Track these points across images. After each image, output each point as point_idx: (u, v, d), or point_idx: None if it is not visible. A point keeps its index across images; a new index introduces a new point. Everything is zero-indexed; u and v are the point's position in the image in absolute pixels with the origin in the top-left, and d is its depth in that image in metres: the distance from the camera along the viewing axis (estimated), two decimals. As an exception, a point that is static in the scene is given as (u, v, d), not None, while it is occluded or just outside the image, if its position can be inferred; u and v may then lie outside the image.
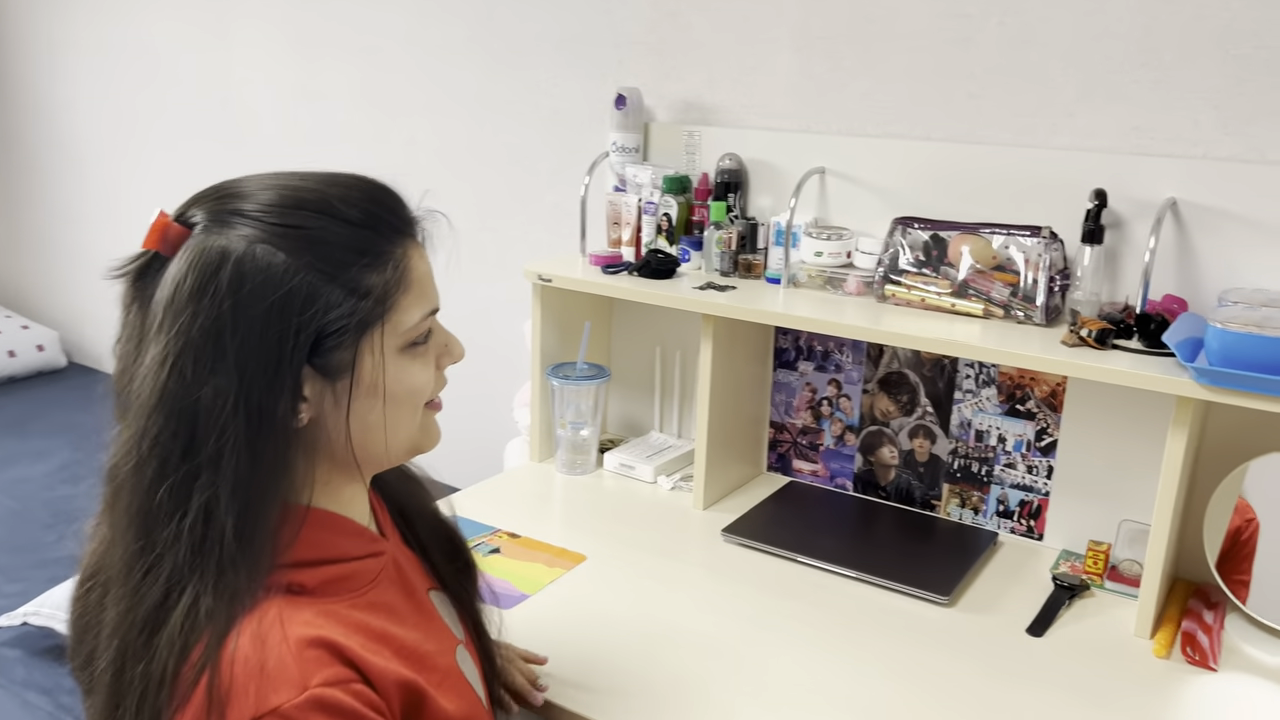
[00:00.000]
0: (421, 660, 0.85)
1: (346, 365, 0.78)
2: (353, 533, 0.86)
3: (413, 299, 0.82)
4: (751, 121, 1.71)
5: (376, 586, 0.86)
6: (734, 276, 1.66)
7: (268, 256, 0.75)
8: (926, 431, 1.62)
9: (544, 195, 1.96)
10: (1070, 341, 1.30)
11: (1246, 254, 1.33)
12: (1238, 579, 1.32)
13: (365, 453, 0.83)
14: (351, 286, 0.77)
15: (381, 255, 0.80)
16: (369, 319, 0.79)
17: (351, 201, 0.80)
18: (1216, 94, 1.33)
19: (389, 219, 0.82)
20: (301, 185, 0.80)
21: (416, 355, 0.84)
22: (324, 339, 0.77)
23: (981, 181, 1.50)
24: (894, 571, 1.41)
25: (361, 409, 0.81)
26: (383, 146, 2.18)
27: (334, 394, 0.79)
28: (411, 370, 0.83)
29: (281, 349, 0.75)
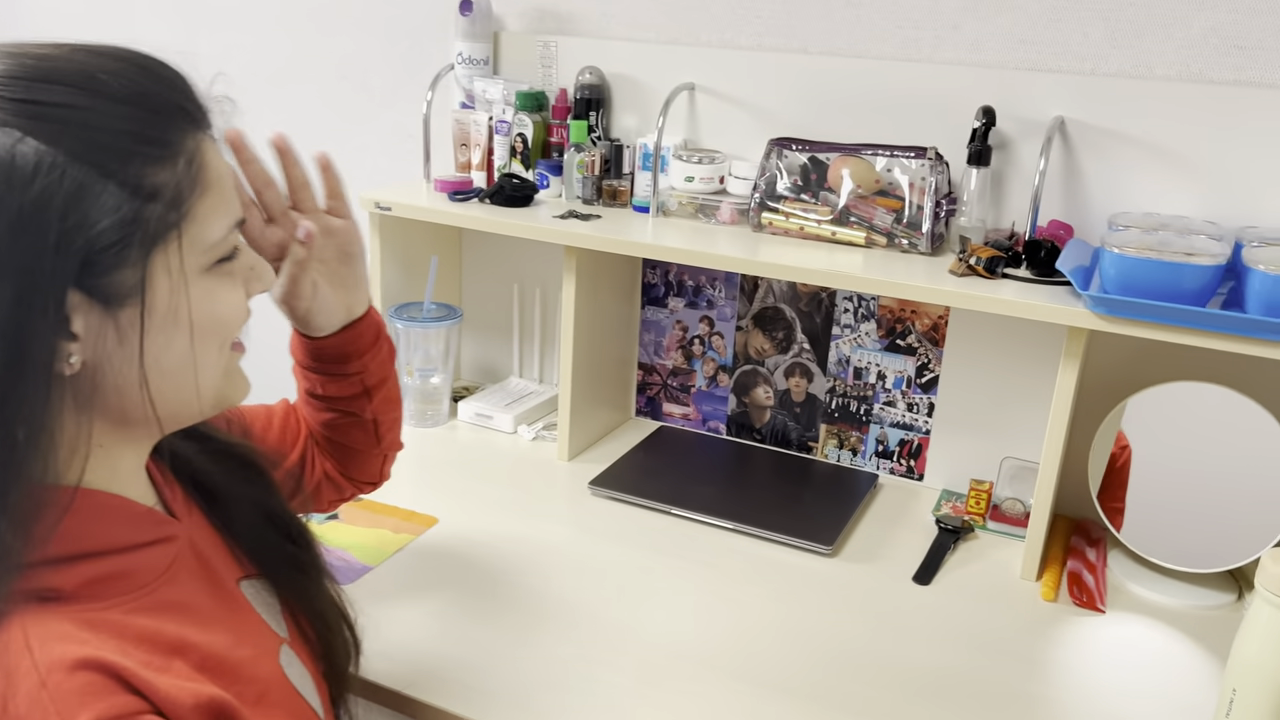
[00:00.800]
0: (232, 671, 0.68)
1: (133, 287, 0.60)
2: (130, 516, 0.67)
3: (214, 204, 0.64)
4: (614, 32, 1.54)
5: (168, 582, 0.68)
6: (598, 204, 1.51)
7: (9, 145, 0.56)
8: (803, 370, 1.52)
9: (381, 114, 1.75)
10: (959, 271, 1.22)
11: (1134, 177, 1.27)
12: (1113, 506, 1.28)
13: (167, 405, 0.66)
14: (134, 184, 0.59)
15: (169, 146, 0.62)
16: (161, 227, 0.61)
17: (125, 77, 0.61)
18: (1106, 4, 1.25)
19: (177, 101, 0.64)
20: (54, 54, 0.61)
21: (224, 277, 0.67)
22: (99, 253, 0.58)
23: (863, 99, 1.39)
24: (773, 521, 1.31)
25: (156, 347, 0.63)
26: (190, 63, 1.90)
27: (117, 328, 0.61)
28: (220, 294, 0.66)
29: (37, 270, 0.56)
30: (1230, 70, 1.22)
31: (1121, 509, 1.29)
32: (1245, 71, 1.21)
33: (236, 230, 0.68)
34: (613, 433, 1.61)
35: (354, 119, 1.78)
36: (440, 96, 1.60)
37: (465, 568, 1.20)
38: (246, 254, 0.71)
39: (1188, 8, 1.22)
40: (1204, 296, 1.06)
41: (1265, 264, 1.02)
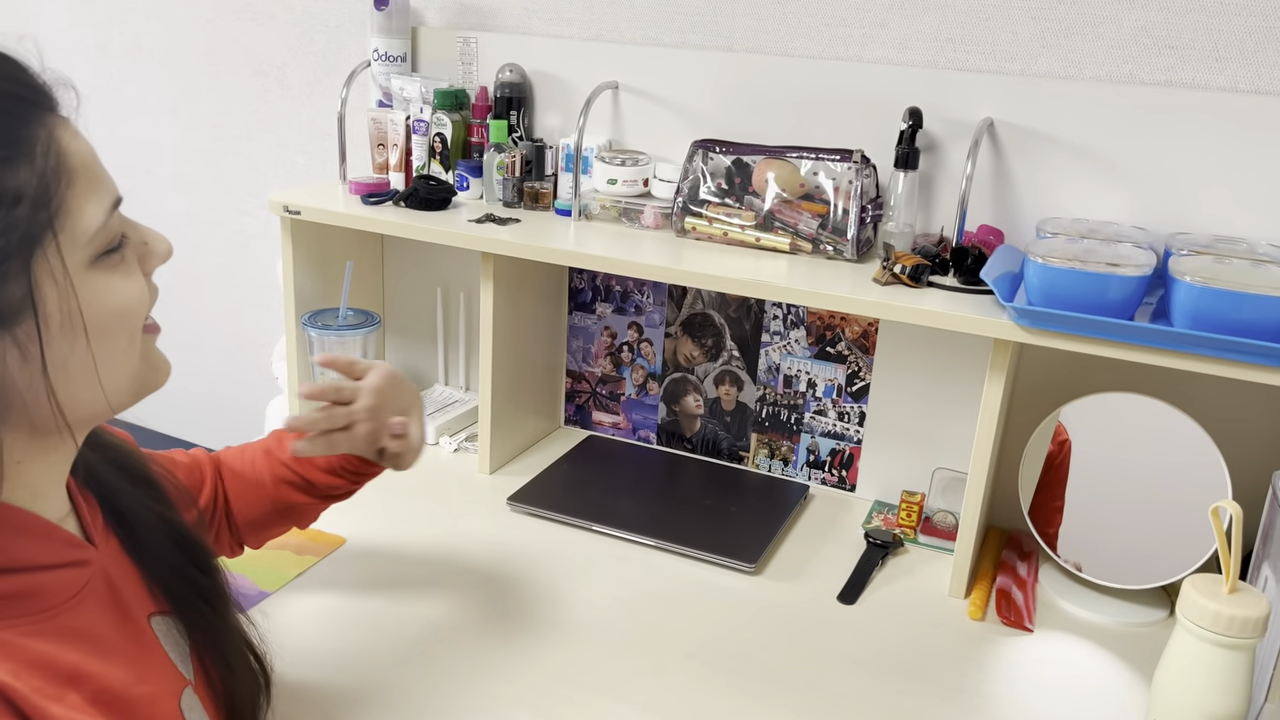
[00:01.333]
0: (128, 709, 0.64)
1: (22, 301, 0.56)
2: (40, 533, 0.64)
3: (84, 191, 0.59)
4: (535, 28, 1.48)
5: (74, 608, 0.64)
6: (519, 207, 1.45)
7: None
8: (733, 378, 1.47)
9: (299, 112, 1.68)
10: (883, 279, 1.17)
11: (1065, 180, 1.23)
12: (1052, 506, 1.24)
13: (77, 410, 0.62)
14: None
15: (20, 143, 0.56)
16: (34, 230, 0.56)
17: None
18: (1035, 3, 1.21)
19: (13, 90, 0.58)
20: None
21: (114, 266, 0.62)
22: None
23: (790, 98, 1.34)
24: (697, 538, 1.27)
25: (59, 355, 0.59)
26: (100, 57, 1.83)
27: (16, 344, 0.57)
28: (113, 286, 0.62)
29: None
30: (1161, 71, 1.18)
31: (1061, 507, 1.25)
32: (1176, 72, 1.18)
33: (116, 212, 0.62)
34: (540, 442, 1.55)
35: (272, 116, 1.71)
36: (357, 94, 1.53)
37: (370, 593, 1.14)
38: (134, 231, 0.65)
39: (1118, 7, 1.18)
40: (1130, 307, 1.03)
41: (1191, 274, 0.98)
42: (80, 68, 1.85)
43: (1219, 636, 0.81)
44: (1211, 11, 1.15)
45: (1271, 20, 1.13)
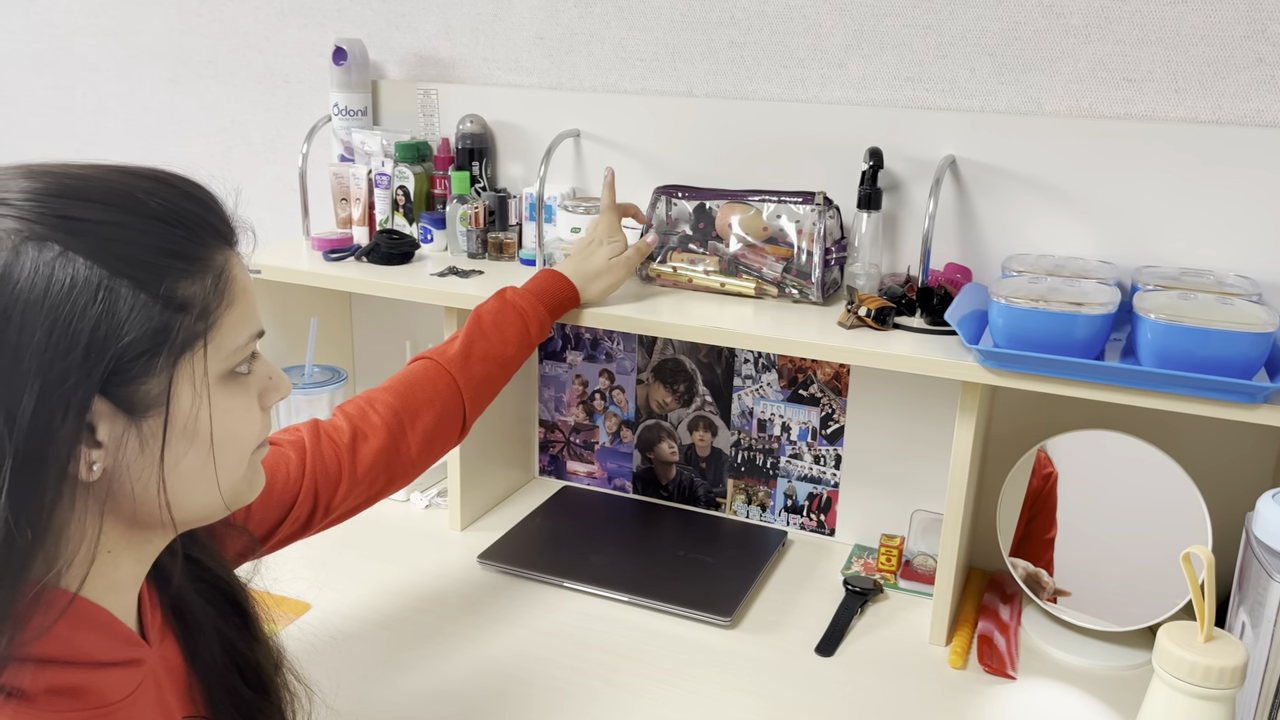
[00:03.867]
0: None
1: (158, 398, 0.61)
2: (103, 628, 0.65)
3: (238, 316, 0.66)
4: (496, 78, 1.48)
5: (126, 708, 0.65)
6: (484, 258, 1.43)
7: (50, 258, 0.57)
8: (707, 423, 1.45)
9: (262, 168, 1.67)
10: (848, 323, 1.15)
11: (1029, 216, 1.22)
12: (1044, 540, 1.21)
13: (182, 509, 0.66)
14: (166, 297, 0.61)
15: (199, 261, 0.63)
16: (189, 337, 0.62)
17: (160, 196, 0.63)
18: (991, 39, 1.20)
19: (207, 218, 0.66)
20: (93, 174, 0.63)
21: (241, 390, 0.68)
22: (128, 363, 0.60)
23: (751, 142, 1.33)
24: (672, 591, 1.24)
25: (176, 453, 0.64)
26: (65, 118, 1.82)
27: (139, 436, 0.61)
28: (237, 407, 0.67)
29: (65, 377, 0.57)
30: (1120, 104, 1.17)
31: (1052, 539, 1.22)
32: (1135, 105, 1.17)
33: (255, 341, 0.68)
34: (514, 494, 1.53)
35: (237, 173, 1.70)
36: (320, 149, 1.52)
37: (335, 662, 1.11)
38: (263, 365, 0.71)
39: (1074, 41, 1.17)
40: (1096, 346, 1.01)
41: (1155, 312, 0.97)
42: (44, 129, 1.85)
43: (1196, 688, 0.78)
44: (1168, 43, 1.14)
45: (1229, 50, 1.12)
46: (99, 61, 1.76)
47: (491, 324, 1.14)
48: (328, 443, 0.99)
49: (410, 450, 1.05)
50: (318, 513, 0.98)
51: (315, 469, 0.97)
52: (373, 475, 1.02)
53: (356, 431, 1.01)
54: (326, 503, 0.98)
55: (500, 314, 1.15)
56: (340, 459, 0.99)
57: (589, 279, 1.22)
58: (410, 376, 1.08)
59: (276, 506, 0.95)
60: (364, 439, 1.01)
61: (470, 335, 1.12)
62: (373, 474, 1.02)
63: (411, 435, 1.04)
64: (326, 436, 0.99)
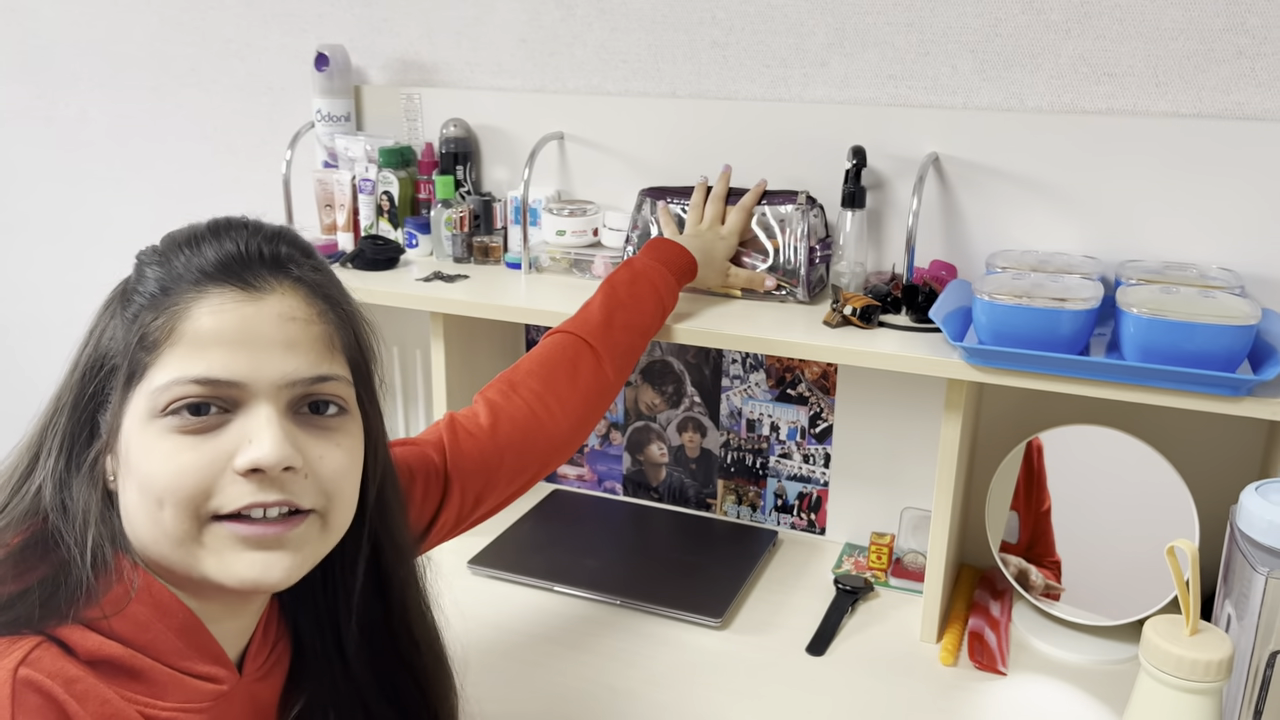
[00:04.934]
0: None
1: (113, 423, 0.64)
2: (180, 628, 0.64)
3: (183, 354, 0.62)
4: (479, 81, 1.47)
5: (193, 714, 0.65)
6: (469, 262, 1.43)
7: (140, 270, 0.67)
8: (696, 424, 1.45)
9: (247, 175, 1.66)
10: (833, 321, 1.15)
11: (1012, 212, 1.22)
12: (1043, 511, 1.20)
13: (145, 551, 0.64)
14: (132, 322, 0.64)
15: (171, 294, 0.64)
16: (135, 368, 0.63)
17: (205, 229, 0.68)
18: (973, 36, 1.21)
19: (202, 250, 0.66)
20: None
21: (176, 433, 0.62)
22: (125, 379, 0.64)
23: (734, 142, 1.33)
24: (662, 593, 1.24)
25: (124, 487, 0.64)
26: (48, 129, 1.81)
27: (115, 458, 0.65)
28: (160, 449, 0.62)
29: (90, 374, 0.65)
30: (1102, 99, 1.17)
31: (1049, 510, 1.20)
32: (1117, 100, 1.17)
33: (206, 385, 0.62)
34: (505, 499, 1.52)
35: (221, 181, 1.70)
36: (303, 155, 1.52)
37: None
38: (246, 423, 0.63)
39: (1055, 36, 1.17)
40: (1080, 341, 1.01)
41: (1138, 306, 0.97)
42: (27, 140, 1.84)
43: (1182, 681, 0.78)
44: (1148, 38, 1.14)
45: (1209, 44, 1.12)
46: (81, 71, 1.75)
47: (628, 294, 1.11)
48: (465, 437, 0.94)
49: (559, 427, 1.00)
50: (466, 509, 0.94)
51: (457, 466, 0.93)
52: (523, 461, 0.98)
53: (498, 418, 0.97)
54: (476, 497, 0.95)
55: (634, 284, 1.12)
56: (482, 451, 0.95)
57: (705, 265, 1.20)
58: (554, 352, 1.04)
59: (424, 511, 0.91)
60: (507, 425, 0.97)
61: (609, 304, 1.09)
62: (523, 459, 0.98)
63: (558, 412, 1.00)
64: (464, 431, 0.95)
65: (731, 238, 1.24)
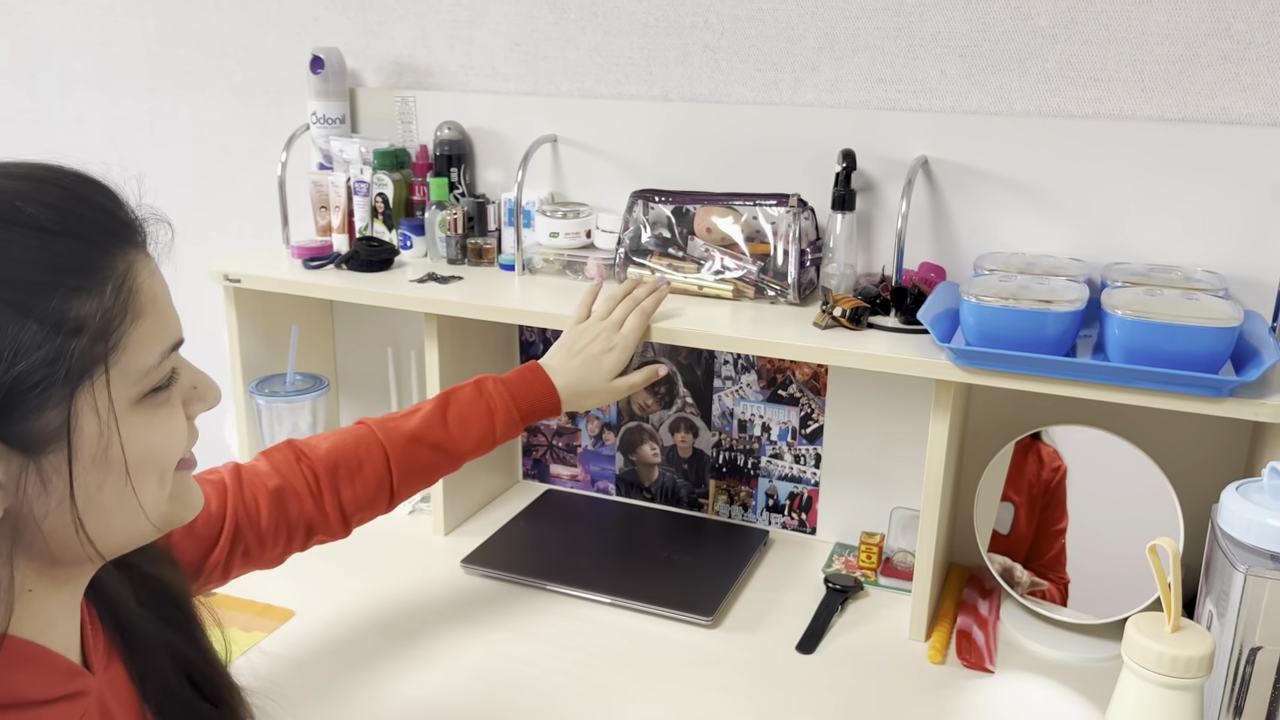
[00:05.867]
0: None
1: (56, 432, 0.55)
2: (39, 664, 0.60)
3: (147, 330, 0.59)
4: (473, 84, 1.48)
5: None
6: (464, 264, 1.44)
7: None
8: (688, 424, 1.46)
9: (242, 178, 1.67)
10: (823, 323, 1.17)
11: (1000, 214, 1.23)
12: (1057, 530, 1.21)
13: (106, 541, 0.61)
14: (56, 320, 0.54)
15: (95, 274, 0.56)
16: (86, 362, 0.55)
17: (42, 200, 0.56)
18: (961, 40, 1.22)
19: (103, 221, 0.58)
20: None
21: (159, 405, 0.61)
22: (18, 398, 0.53)
23: (727, 145, 1.34)
24: (654, 592, 1.25)
25: (88, 486, 0.57)
26: (42, 131, 1.82)
27: (39, 473, 0.55)
28: (155, 426, 0.60)
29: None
30: (1088, 103, 1.19)
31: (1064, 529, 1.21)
32: (1103, 104, 1.18)
33: (171, 355, 0.61)
34: (498, 499, 1.54)
35: (216, 184, 1.70)
36: (298, 157, 1.53)
37: (319, 667, 1.12)
38: (187, 374, 0.64)
39: (1041, 41, 1.19)
40: (1066, 342, 1.02)
41: (1122, 308, 0.98)
42: (22, 142, 1.85)
43: (1164, 677, 0.80)
44: (1134, 43, 1.16)
45: (1194, 49, 1.14)
46: (77, 73, 1.76)
47: (456, 417, 1.09)
48: (249, 486, 0.96)
49: (328, 519, 1.02)
50: (234, 559, 0.95)
51: (237, 511, 0.95)
52: (291, 530, 0.99)
53: (283, 482, 0.99)
54: (245, 549, 0.96)
55: (472, 407, 1.10)
56: (260, 505, 0.96)
57: (580, 396, 1.16)
58: (348, 443, 1.04)
59: (197, 544, 0.92)
60: (289, 492, 0.99)
61: (429, 421, 1.08)
62: (291, 529, 0.99)
63: (330, 505, 1.02)
64: (249, 480, 0.97)
65: (623, 351, 1.17)
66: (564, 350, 1.18)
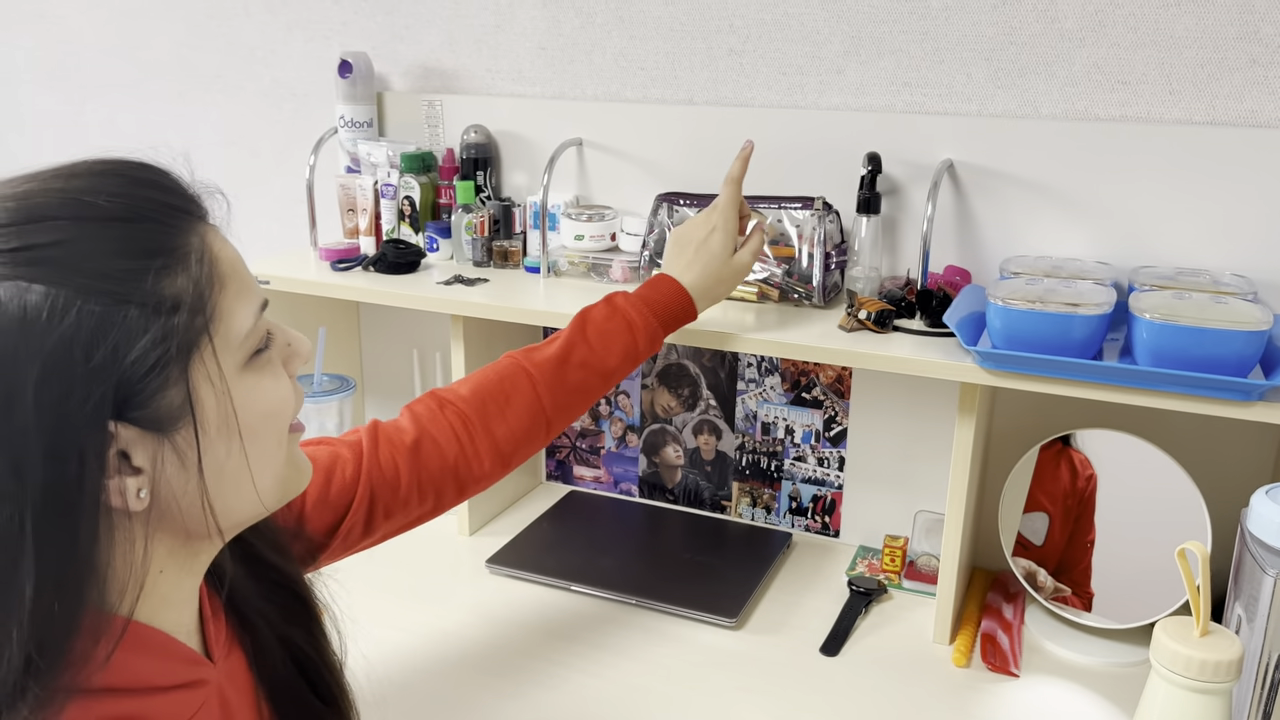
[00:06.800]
0: None
1: (181, 407, 0.57)
2: (159, 650, 0.61)
3: (235, 295, 0.61)
4: (499, 88, 1.50)
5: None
6: (489, 266, 1.45)
7: (17, 296, 0.52)
8: (711, 427, 1.47)
9: (270, 180, 1.69)
10: (848, 326, 1.17)
11: (1026, 218, 1.23)
12: (1087, 541, 1.20)
13: (229, 515, 0.63)
14: (154, 301, 0.55)
15: (175, 251, 0.58)
16: (192, 335, 0.57)
17: (109, 192, 0.57)
18: (987, 44, 1.22)
19: (169, 201, 0.60)
20: (33, 189, 0.57)
21: (264, 367, 0.63)
22: (138, 383, 0.55)
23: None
24: (678, 593, 1.25)
25: (216, 459, 0.59)
26: (77, 134, 1.84)
27: (175, 450, 0.57)
28: (264, 387, 0.62)
29: (71, 418, 0.53)
30: (1115, 106, 1.19)
31: (1092, 542, 1.21)
32: (1130, 107, 1.18)
33: (262, 315, 0.63)
34: (522, 499, 1.54)
35: (244, 185, 1.72)
36: (326, 160, 1.54)
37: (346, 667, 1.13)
38: (280, 334, 0.66)
39: (1069, 45, 1.19)
40: (1093, 346, 1.02)
41: (1150, 311, 0.98)
42: (57, 147, 1.87)
43: (1192, 682, 0.79)
44: (1162, 46, 1.15)
45: (1222, 52, 1.13)
46: (109, 77, 1.78)
47: (596, 332, 1.04)
48: (386, 446, 0.93)
49: (482, 462, 0.97)
50: (375, 520, 0.93)
51: (371, 473, 0.91)
52: (438, 484, 0.95)
53: (422, 436, 0.95)
54: (385, 509, 0.93)
55: (608, 322, 1.05)
56: (399, 465, 0.93)
57: (709, 286, 1.11)
58: (490, 379, 1.00)
59: (330, 511, 0.90)
60: (430, 445, 0.94)
61: (571, 340, 1.03)
62: (438, 483, 0.95)
63: (483, 446, 0.97)
64: (386, 439, 0.94)
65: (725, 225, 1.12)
66: (673, 253, 1.14)
